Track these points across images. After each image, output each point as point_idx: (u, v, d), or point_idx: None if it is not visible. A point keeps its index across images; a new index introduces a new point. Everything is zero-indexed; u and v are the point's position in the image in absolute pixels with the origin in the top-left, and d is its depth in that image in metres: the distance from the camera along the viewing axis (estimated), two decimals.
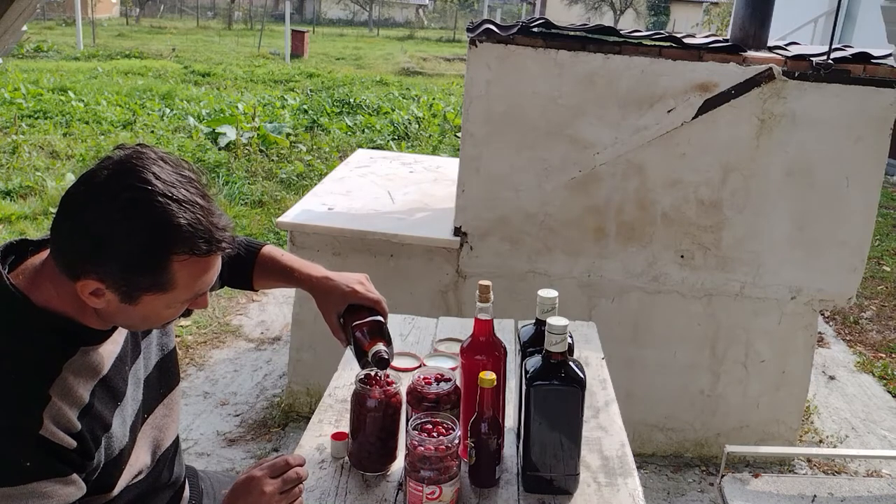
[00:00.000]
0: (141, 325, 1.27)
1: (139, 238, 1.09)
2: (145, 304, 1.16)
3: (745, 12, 2.93)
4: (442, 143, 9.03)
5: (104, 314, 1.18)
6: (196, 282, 1.17)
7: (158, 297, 1.16)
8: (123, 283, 1.12)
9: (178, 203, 1.10)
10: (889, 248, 6.23)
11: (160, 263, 1.11)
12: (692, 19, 29.93)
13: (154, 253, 1.10)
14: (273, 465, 1.27)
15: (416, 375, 1.47)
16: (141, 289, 1.13)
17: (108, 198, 1.09)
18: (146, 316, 1.20)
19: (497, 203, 2.95)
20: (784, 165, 2.84)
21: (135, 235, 1.08)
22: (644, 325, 3.07)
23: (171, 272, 1.13)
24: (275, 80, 13.46)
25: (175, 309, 1.21)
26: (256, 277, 1.62)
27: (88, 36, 18.61)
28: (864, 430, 3.52)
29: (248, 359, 3.86)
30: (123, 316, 1.18)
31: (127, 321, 1.22)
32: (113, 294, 1.13)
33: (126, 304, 1.15)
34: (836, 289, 2.96)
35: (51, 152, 7.47)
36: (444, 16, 37.25)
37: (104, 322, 1.21)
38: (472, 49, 2.80)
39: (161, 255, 1.11)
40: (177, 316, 1.24)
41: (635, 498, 1.42)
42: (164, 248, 1.10)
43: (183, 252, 1.11)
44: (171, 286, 1.14)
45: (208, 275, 1.19)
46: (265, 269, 1.62)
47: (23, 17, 3.36)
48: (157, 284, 1.13)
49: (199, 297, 1.23)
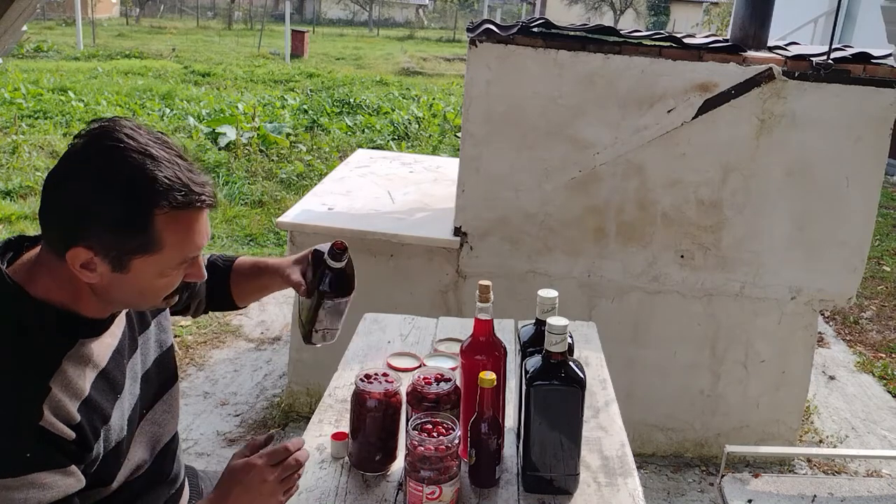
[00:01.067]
0: (139, 299, 1.23)
1: (118, 196, 1.09)
2: (137, 270, 1.15)
3: (745, 12, 2.93)
4: (442, 143, 9.03)
5: (100, 290, 1.17)
6: (183, 241, 1.16)
7: (148, 261, 1.15)
8: (111, 247, 1.12)
9: (153, 159, 1.11)
10: (889, 248, 6.23)
11: (143, 220, 1.11)
12: (692, 19, 29.93)
13: (135, 209, 1.10)
14: (273, 452, 1.26)
15: (416, 375, 1.47)
16: (129, 251, 1.13)
17: (85, 163, 1.11)
18: (142, 288, 1.18)
19: (497, 203, 2.95)
20: (784, 165, 2.84)
21: (114, 194, 1.09)
22: (644, 325, 3.07)
23: (156, 230, 1.12)
24: (275, 80, 13.46)
25: (169, 277, 1.20)
26: (234, 286, 1.60)
27: (88, 36, 18.61)
28: (864, 430, 3.52)
29: (248, 359, 3.86)
30: (119, 289, 1.17)
31: (123, 296, 1.20)
32: (104, 263, 1.13)
33: (118, 272, 1.14)
34: (836, 289, 2.96)
35: (51, 152, 7.47)
36: (444, 16, 37.25)
37: (102, 305, 1.21)
38: (472, 49, 2.80)
39: (142, 210, 1.10)
40: (174, 287, 1.23)
41: (635, 498, 1.42)
42: (144, 203, 1.10)
43: (163, 206, 1.11)
44: (158, 246, 1.14)
45: (195, 235, 1.18)
46: (240, 275, 1.61)
47: (23, 17, 3.36)
48: (144, 245, 1.13)
49: (192, 266, 1.23)
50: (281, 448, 1.26)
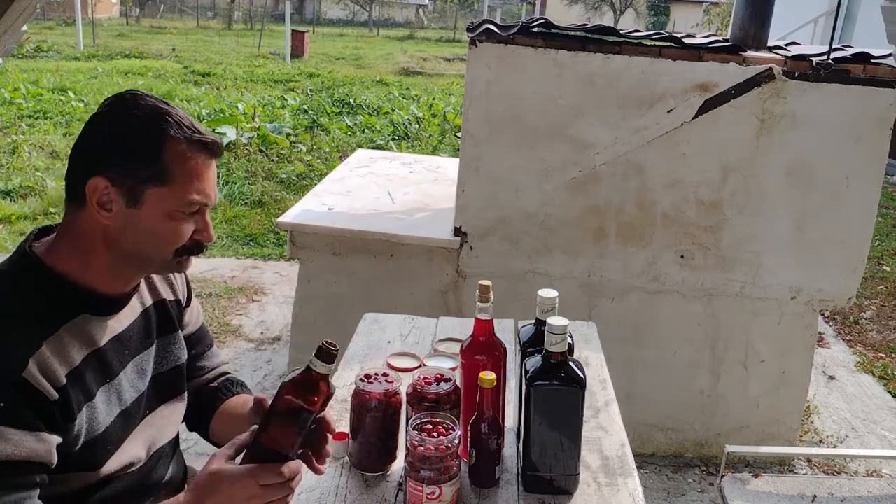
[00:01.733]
0: (149, 246, 1.24)
1: (133, 128, 1.20)
2: (149, 206, 1.20)
3: (745, 12, 2.93)
4: (442, 143, 9.03)
5: (113, 236, 1.22)
6: (191, 180, 1.22)
7: (159, 195, 1.20)
8: (126, 175, 1.19)
9: (166, 104, 1.24)
10: (889, 248, 6.23)
11: (155, 149, 1.19)
12: (692, 19, 29.92)
13: (148, 139, 1.20)
14: (267, 471, 1.17)
15: (416, 375, 1.47)
16: (142, 180, 1.19)
17: (104, 109, 1.24)
18: (153, 230, 1.22)
19: (497, 203, 2.96)
20: (784, 165, 2.84)
21: (129, 127, 1.20)
22: (644, 325, 3.07)
23: (167, 161, 1.20)
24: (275, 80, 13.46)
25: (179, 222, 1.23)
26: (215, 422, 1.55)
27: (88, 36, 18.61)
28: (864, 430, 3.52)
29: (248, 359, 3.86)
30: (132, 231, 1.22)
31: (136, 241, 1.23)
32: (119, 197, 1.19)
33: (132, 207, 1.20)
34: (836, 289, 2.96)
35: (51, 152, 7.47)
36: (444, 16, 37.24)
37: (113, 270, 1.25)
38: (472, 49, 2.80)
39: (154, 140, 1.19)
40: (184, 240, 1.25)
41: (635, 498, 1.42)
42: (156, 133, 1.20)
43: (175, 137, 1.20)
44: (169, 178, 1.20)
45: (203, 180, 1.24)
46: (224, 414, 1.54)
47: (23, 17, 3.36)
48: (156, 175, 1.19)
49: (201, 219, 1.27)
50: (276, 470, 1.16)
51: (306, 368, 1.18)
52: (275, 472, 1.16)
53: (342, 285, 3.14)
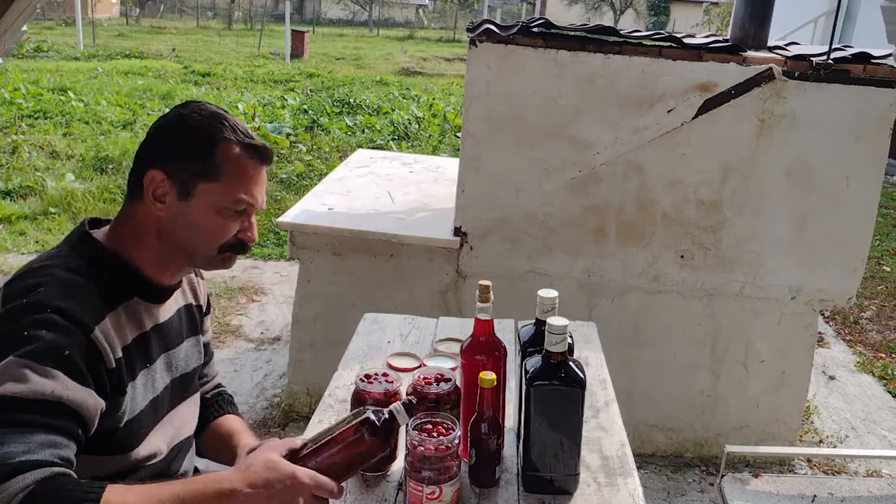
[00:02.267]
0: (196, 240, 1.33)
1: (190, 127, 1.31)
2: (198, 199, 1.30)
3: (745, 12, 2.93)
4: (442, 143, 9.03)
5: (164, 227, 1.31)
6: (240, 180, 1.31)
7: (209, 190, 1.30)
8: (181, 169, 1.29)
9: (224, 111, 1.35)
10: (889, 248, 6.23)
11: (208, 147, 1.29)
12: (692, 19, 29.92)
13: (203, 137, 1.30)
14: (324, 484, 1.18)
15: (416, 375, 1.47)
16: (194, 175, 1.29)
17: (167, 113, 1.36)
18: (200, 223, 1.31)
19: (497, 203, 2.95)
20: (784, 165, 2.84)
21: (187, 126, 1.32)
22: (644, 325, 3.07)
23: (218, 159, 1.30)
24: (275, 80, 13.46)
25: (225, 219, 1.32)
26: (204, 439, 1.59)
27: (88, 36, 18.61)
28: (864, 430, 3.52)
29: (248, 359, 3.86)
30: (181, 223, 1.31)
31: (184, 233, 1.32)
32: (172, 189, 1.29)
33: (183, 200, 1.30)
34: (836, 289, 2.96)
35: (51, 152, 7.47)
36: (444, 16, 37.24)
37: (162, 260, 1.34)
38: (472, 49, 2.80)
39: (209, 139, 1.30)
40: (228, 236, 1.33)
41: (635, 498, 1.42)
42: (211, 133, 1.30)
43: (227, 138, 1.30)
44: (219, 175, 1.30)
45: (252, 182, 1.33)
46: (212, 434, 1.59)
47: (23, 17, 3.36)
48: (207, 171, 1.29)
49: (246, 220, 1.35)
50: (332, 487, 1.19)
51: (390, 416, 1.24)
52: (330, 488, 1.19)
53: (342, 285, 3.14)
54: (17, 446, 1.04)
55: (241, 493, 1.13)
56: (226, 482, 1.14)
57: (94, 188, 6.32)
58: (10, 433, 1.06)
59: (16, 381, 1.09)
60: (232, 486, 1.14)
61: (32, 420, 1.08)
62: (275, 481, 1.15)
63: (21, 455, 1.04)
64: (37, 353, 1.12)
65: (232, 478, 1.16)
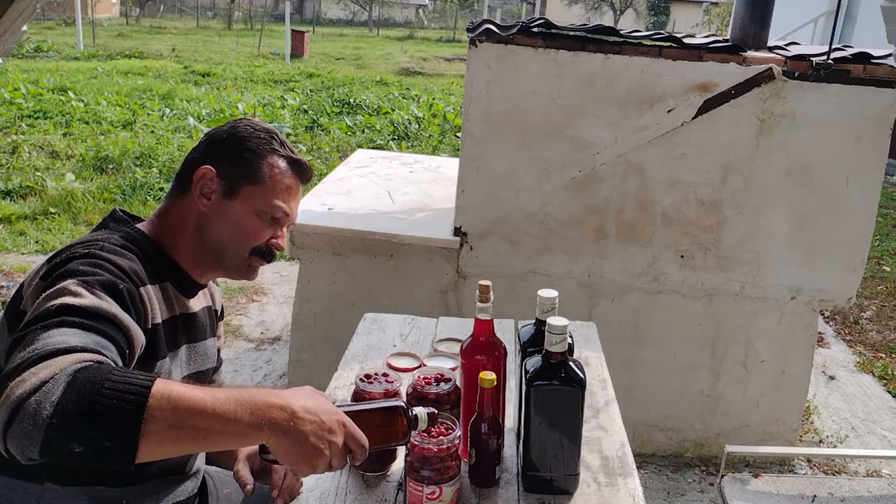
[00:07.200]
0: (229, 239, 1.42)
1: (244, 136, 1.43)
2: (242, 199, 1.40)
3: (745, 12, 2.93)
4: (442, 143, 9.02)
5: (204, 222, 1.40)
6: (279, 189, 1.42)
7: (251, 192, 1.40)
8: (230, 168, 1.40)
9: (274, 129, 1.47)
10: (889, 248, 6.23)
11: (258, 156, 1.41)
12: (692, 19, 29.92)
13: (253, 147, 1.42)
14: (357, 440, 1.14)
15: (416, 375, 1.47)
16: (241, 176, 1.40)
17: (221, 125, 1.48)
18: (237, 223, 1.41)
19: (497, 203, 2.95)
20: (784, 165, 2.84)
21: (241, 136, 1.43)
22: (644, 325, 3.07)
23: (264, 167, 1.41)
24: (275, 80, 13.46)
25: (261, 224, 1.42)
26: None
27: (88, 36, 18.61)
28: (864, 430, 3.52)
29: (248, 359, 3.86)
30: (220, 220, 1.40)
31: (220, 230, 1.41)
32: (219, 186, 1.40)
33: (227, 198, 1.40)
34: (836, 289, 2.96)
35: (51, 152, 7.46)
36: (444, 16, 37.24)
37: (195, 254, 1.42)
38: (472, 49, 2.80)
39: (259, 149, 1.42)
40: (260, 241, 1.43)
41: (635, 498, 1.42)
42: (261, 144, 1.43)
43: (275, 150, 1.43)
44: (262, 180, 1.41)
45: (289, 194, 1.44)
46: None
47: (23, 17, 3.36)
48: (253, 175, 1.41)
49: (278, 229, 1.45)
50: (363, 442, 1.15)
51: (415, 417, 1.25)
52: (363, 443, 1.14)
53: (342, 285, 3.14)
54: (74, 339, 1.06)
55: (290, 410, 1.07)
56: (279, 397, 1.09)
57: (94, 188, 6.32)
58: (68, 332, 1.07)
59: (74, 296, 1.13)
60: (286, 401, 1.08)
61: (89, 325, 1.11)
62: (321, 412, 1.10)
63: (79, 344, 1.05)
64: (93, 282, 1.18)
65: (285, 394, 1.10)
